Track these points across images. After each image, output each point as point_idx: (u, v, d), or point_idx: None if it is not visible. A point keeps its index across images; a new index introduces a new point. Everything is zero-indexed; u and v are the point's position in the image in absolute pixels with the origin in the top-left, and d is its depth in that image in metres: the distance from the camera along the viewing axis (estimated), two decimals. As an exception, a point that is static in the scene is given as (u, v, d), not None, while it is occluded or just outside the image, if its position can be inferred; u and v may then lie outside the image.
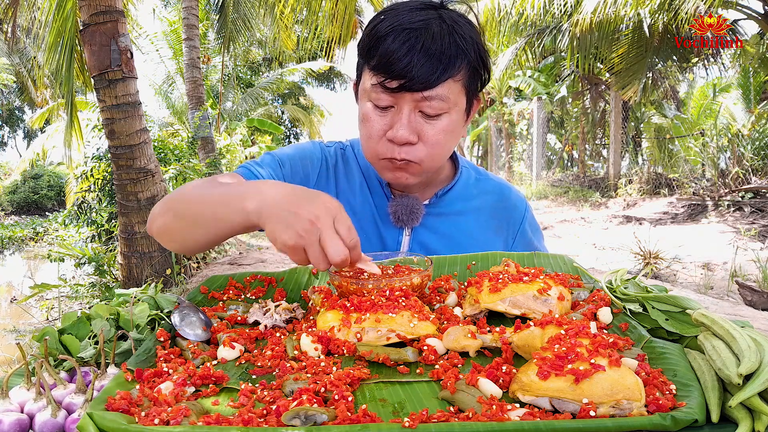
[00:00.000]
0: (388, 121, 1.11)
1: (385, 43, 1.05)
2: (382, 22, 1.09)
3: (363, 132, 1.17)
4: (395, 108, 1.10)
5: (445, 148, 1.16)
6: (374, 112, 1.12)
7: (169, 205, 1.08)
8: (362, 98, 1.15)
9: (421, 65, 1.03)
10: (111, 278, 6.04)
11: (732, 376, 0.59)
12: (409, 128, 1.09)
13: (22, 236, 12.21)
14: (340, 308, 0.85)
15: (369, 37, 1.10)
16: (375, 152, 1.15)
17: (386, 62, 1.05)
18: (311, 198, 0.88)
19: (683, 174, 11.37)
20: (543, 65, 15.37)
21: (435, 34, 1.05)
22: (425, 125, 1.10)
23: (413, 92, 1.06)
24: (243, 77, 21.26)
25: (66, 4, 5.62)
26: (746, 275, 5.28)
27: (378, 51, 1.06)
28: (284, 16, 10.51)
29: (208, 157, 9.71)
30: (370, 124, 1.13)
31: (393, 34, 1.05)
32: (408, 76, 1.04)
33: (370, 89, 1.10)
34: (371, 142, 1.15)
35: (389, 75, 1.05)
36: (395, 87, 1.06)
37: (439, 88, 1.07)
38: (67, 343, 0.84)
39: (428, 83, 1.05)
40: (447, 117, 1.11)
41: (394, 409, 0.65)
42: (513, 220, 1.40)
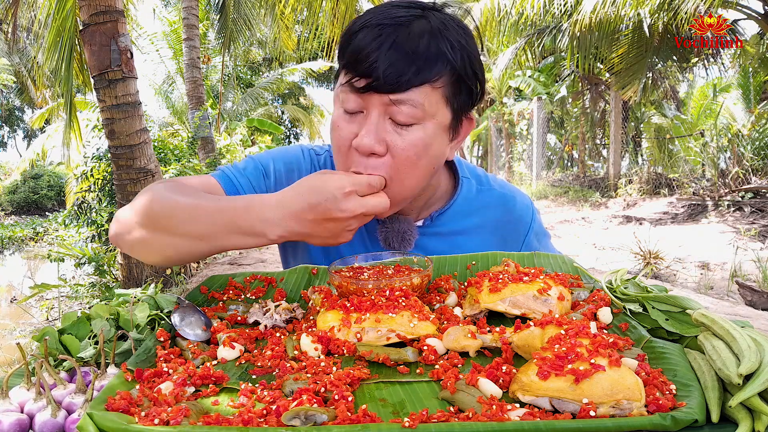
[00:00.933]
0: (355, 129, 0.98)
1: (356, 39, 0.95)
2: (359, 19, 0.98)
3: (332, 143, 1.05)
4: (364, 113, 0.98)
5: (418, 167, 1.00)
6: (343, 118, 1.00)
7: (151, 218, 1.00)
8: (335, 104, 1.03)
9: (389, 63, 0.91)
10: (111, 278, 6.04)
11: (732, 376, 0.59)
12: (376, 136, 0.96)
13: (22, 236, 12.21)
14: (340, 308, 0.85)
15: (343, 36, 0.99)
16: (344, 165, 1.02)
17: (354, 59, 0.94)
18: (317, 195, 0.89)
19: (683, 174, 11.37)
20: (543, 65, 15.37)
21: (413, 32, 0.94)
22: (394, 134, 0.97)
23: (381, 93, 0.94)
24: (243, 77, 21.26)
25: (66, 4, 5.62)
26: (746, 275, 5.28)
27: (349, 48, 0.96)
28: (285, 16, 10.51)
29: (208, 157, 9.71)
30: (337, 133, 1.01)
31: (366, 29, 0.95)
32: (374, 75, 0.92)
33: (340, 91, 0.99)
34: (340, 154, 1.02)
35: (356, 73, 0.94)
36: (362, 86, 0.94)
37: (411, 93, 0.94)
38: (67, 343, 0.84)
39: (397, 84, 0.92)
40: (420, 129, 0.97)
41: (394, 409, 0.65)
42: (517, 234, 1.30)
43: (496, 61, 14.60)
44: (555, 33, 11.54)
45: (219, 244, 0.96)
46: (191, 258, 1.03)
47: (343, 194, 0.89)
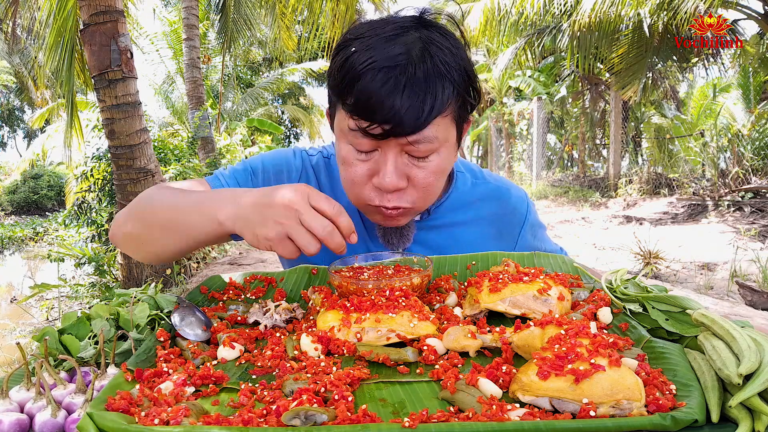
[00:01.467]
0: (371, 166, 1.00)
1: (362, 83, 0.91)
2: (354, 54, 0.94)
3: (345, 176, 1.04)
4: (379, 151, 0.98)
5: (437, 187, 1.05)
6: (356, 156, 1.00)
7: (137, 212, 1.05)
8: (340, 138, 1.03)
9: (406, 109, 0.90)
10: (111, 278, 6.04)
11: (732, 376, 0.59)
12: (397, 174, 0.98)
13: (22, 236, 12.21)
14: (340, 308, 0.85)
15: (342, 73, 0.95)
16: (361, 199, 1.04)
17: (366, 106, 0.92)
18: (278, 188, 0.87)
19: (683, 174, 11.37)
20: (543, 65, 15.37)
21: (418, 69, 0.92)
22: (414, 168, 0.99)
23: (399, 137, 0.94)
24: (243, 77, 21.27)
25: (66, 4, 5.63)
26: (746, 275, 5.28)
27: (354, 91, 0.93)
28: (285, 16, 10.52)
29: (208, 157, 9.71)
30: (352, 170, 1.01)
31: (369, 74, 0.91)
32: (393, 122, 0.91)
33: (348, 131, 0.97)
34: (355, 188, 1.03)
35: (371, 120, 0.92)
36: (379, 134, 0.93)
37: (427, 130, 0.94)
38: (67, 343, 0.84)
39: (416, 127, 0.93)
40: (437, 156, 1.00)
41: (394, 409, 0.65)
42: (513, 226, 1.32)
43: (496, 61, 14.60)
44: (555, 33, 11.54)
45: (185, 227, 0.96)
46: (169, 251, 1.03)
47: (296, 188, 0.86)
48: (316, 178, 1.27)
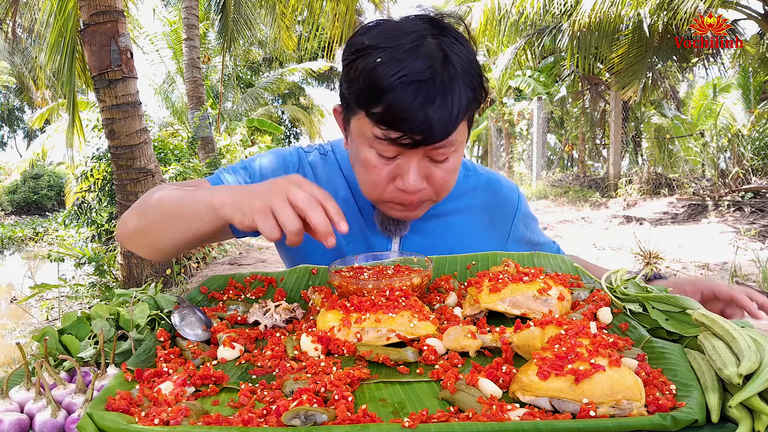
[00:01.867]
0: (394, 169, 1.05)
1: (392, 96, 0.96)
2: (381, 67, 0.97)
3: (366, 178, 1.09)
4: (402, 156, 1.04)
5: (453, 182, 1.13)
6: (378, 160, 1.05)
7: (140, 208, 1.10)
8: (359, 141, 1.07)
9: (436, 120, 0.97)
10: (111, 278, 6.04)
11: (732, 376, 0.59)
12: (420, 177, 1.05)
13: (22, 236, 12.21)
14: (340, 308, 0.85)
15: (368, 83, 0.98)
16: (382, 198, 1.10)
17: (398, 118, 0.97)
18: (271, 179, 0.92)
19: (683, 174, 11.37)
20: (543, 65, 15.37)
21: (444, 80, 0.97)
22: (433, 169, 1.06)
23: (426, 146, 1.00)
24: (243, 77, 21.26)
25: (67, 5, 5.63)
26: (746, 275, 5.28)
27: (384, 103, 0.97)
28: (285, 16, 10.52)
29: (208, 157, 9.71)
30: (374, 173, 1.06)
31: (401, 87, 0.95)
32: (425, 133, 0.97)
33: (372, 138, 1.02)
34: (378, 189, 1.09)
35: (402, 131, 0.97)
36: (409, 143, 0.99)
37: (451, 136, 1.02)
38: (67, 343, 0.84)
39: (444, 135, 0.99)
40: (454, 156, 1.07)
41: (394, 409, 0.65)
42: (505, 217, 1.36)
43: (496, 61, 14.59)
44: (555, 33, 11.54)
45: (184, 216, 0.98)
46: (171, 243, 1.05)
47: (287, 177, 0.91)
48: (313, 173, 1.29)
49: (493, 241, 1.34)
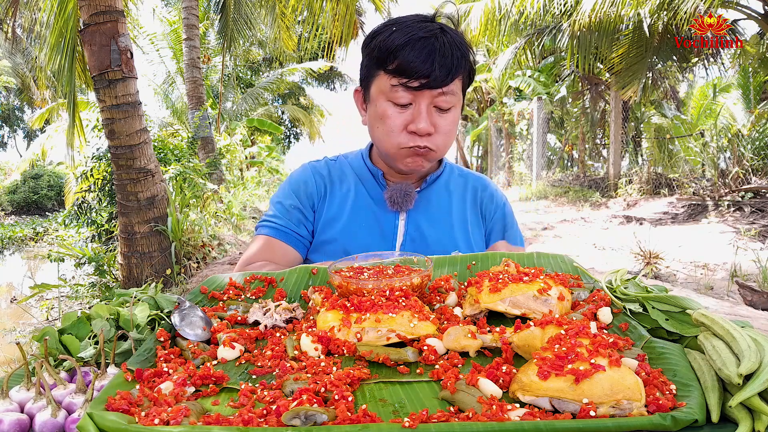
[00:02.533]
0: (407, 117, 1.27)
1: (404, 51, 1.22)
2: (393, 33, 1.25)
3: (382, 128, 1.31)
4: (413, 105, 1.26)
5: (453, 137, 1.35)
6: (394, 109, 1.28)
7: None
8: (378, 99, 1.30)
9: (440, 67, 1.22)
10: (111, 278, 6.04)
11: (732, 376, 0.59)
12: (429, 121, 1.26)
13: (22, 236, 12.20)
14: (340, 308, 0.85)
15: (383, 47, 1.25)
16: (397, 143, 1.30)
17: (409, 66, 1.22)
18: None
19: (683, 174, 11.36)
20: (543, 65, 15.36)
21: (444, 42, 1.24)
22: (439, 118, 1.28)
23: (432, 89, 1.24)
24: (243, 77, 21.25)
25: (67, 5, 5.63)
26: (746, 275, 5.27)
27: (398, 58, 1.23)
28: (285, 16, 10.52)
29: (208, 157, 9.72)
30: (390, 120, 1.29)
31: (410, 43, 1.22)
32: (431, 77, 1.22)
33: (389, 90, 1.26)
34: (393, 136, 1.30)
35: (412, 77, 1.22)
36: (417, 86, 1.23)
37: (451, 85, 1.25)
38: (67, 343, 0.84)
39: (445, 81, 1.24)
40: (455, 110, 1.30)
41: (394, 409, 0.65)
42: (490, 209, 1.55)
43: (496, 61, 14.59)
44: (555, 33, 11.54)
45: None
46: None
47: None
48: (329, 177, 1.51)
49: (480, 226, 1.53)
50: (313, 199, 1.48)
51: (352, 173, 1.50)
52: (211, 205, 8.32)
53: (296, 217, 1.46)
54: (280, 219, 1.45)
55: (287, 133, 26.07)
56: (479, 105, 20.85)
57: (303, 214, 1.46)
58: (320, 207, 1.48)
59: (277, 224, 1.44)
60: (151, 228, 5.61)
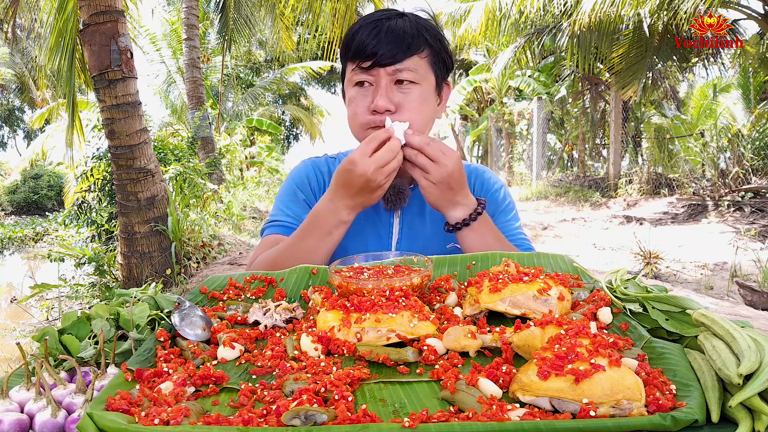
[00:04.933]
0: (369, 98, 1.29)
1: (358, 35, 1.27)
2: (356, 24, 1.32)
3: (350, 112, 1.34)
4: (374, 84, 1.28)
5: (422, 115, 1.32)
6: (357, 92, 1.31)
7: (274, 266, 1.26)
8: (347, 88, 1.35)
9: (387, 43, 1.25)
10: (111, 278, 6.04)
11: (732, 376, 0.59)
12: (387, 98, 1.26)
13: (22, 236, 12.20)
14: (340, 308, 0.85)
15: (346, 40, 1.32)
16: (361, 124, 1.31)
17: (359, 48, 1.26)
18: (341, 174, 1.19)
19: (683, 174, 11.37)
20: (543, 65, 15.36)
21: (398, 22, 1.28)
22: (400, 95, 1.28)
23: (384, 67, 1.26)
24: (243, 77, 21.25)
25: (67, 5, 5.63)
26: (746, 275, 5.27)
27: (352, 43, 1.28)
28: (285, 16, 10.51)
29: (208, 157, 9.72)
30: (355, 103, 1.31)
31: (363, 27, 1.28)
32: (379, 53, 1.24)
33: (351, 74, 1.31)
34: (357, 118, 1.32)
35: (362, 56, 1.26)
36: (368, 66, 1.26)
37: (406, 62, 1.26)
38: (67, 343, 0.84)
39: (395, 58, 1.25)
40: (418, 88, 1.29)
41: (394, 409, 0.65)
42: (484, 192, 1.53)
43: (495, 60, 14.58)
44: (555, 32, 11.53)
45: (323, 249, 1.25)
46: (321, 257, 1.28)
47: (353, 163, 1.15)
48: (328, 173, 1.52)
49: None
50: (316, 194, 1.49)
51: None
52: (211, 205, 8.32)
53: (305, 210, 1.45)
54: (290, 217, 1.46)
55: (287, 133, 26.07)
56: (479, 105, 20.85)
57: (309, 206, 1.46)
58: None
59: (287, 222, 1.45)
60: (151, 228, 5.61)
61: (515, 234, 1.50)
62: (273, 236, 1.44)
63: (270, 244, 1.41)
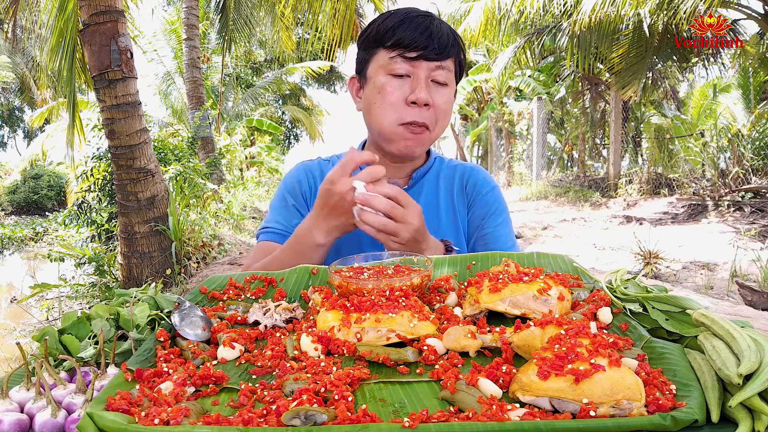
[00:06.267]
0: (405, 89, 1.28)
1: (402, 27, 1.27)
2: (390, 16, 1.30)
3: (381, 102, 1.31)
4: (412, 77, 1.28)
5: (448, 117, 1.36)
6: (391, 81, 1.29)
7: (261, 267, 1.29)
8: (376, 75, 1.32)
9: (437, 39, 1.27)
10: (111, 278, 6.04)
11: (732, 376, 0.59)
12: (428, 91, 1.27)
13: (22, 236, 12.20)
14: (340, 308, 0.85)
15: (382, 28, 1.30)
16: (396, 118, 1.30)
17: (407, 37, 1.26)
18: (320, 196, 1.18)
19: (683, 174, 11.37)
20: (543, 65, 15.36)
21: (439, 23, 1.30)
22: (436, 93, 1.30)
23: (429, 61, 1.27)
24: (243, 77, 21.26)
25: (67, 6, 5.63)
26: (746, 275, 5.28)
27: (395, 33, 1.27)
28: (285, 16, 10.51)
29: (208, 157, 9.72)
30: (389, 93, 1.29)
31: (407, 20, 1.28)
32: (429, 47, 1.26)
33: (388, 63, 1.29)
34: (392, 109, 1.30)
35: (410, 47, 1.26)
36: (415, 56, 1.26)
37: (447, 61, 1.29)
38: (67, 343, 0.84)
39: (442, 54, 1.27)
40: (449, 89, 1.32)
41: (394, 409, 0.65)
42: (475, 192, 1.53)
43: (495, 60, 14.58)
44: (555, 32, 11.54)
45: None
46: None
47: (331, 182, 1.13)
48: (321, 176, 1.51)
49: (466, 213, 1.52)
50: (307, 200, 1.50)
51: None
52: (211, 205, 8.32)
53: (297, 217, 1.46)
54: (279, 223, 1.46)
55: (287, 133, 26.07)
56: (479, 105, 20.85)
57: (301, 214, 1.47)
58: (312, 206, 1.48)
59: (277, 229, 1.46)
60: (151, 228, 5.61)
61: (503, 240, 1.48)
62: (265, 243, 1.45)
63: (262, 250, 1.42)
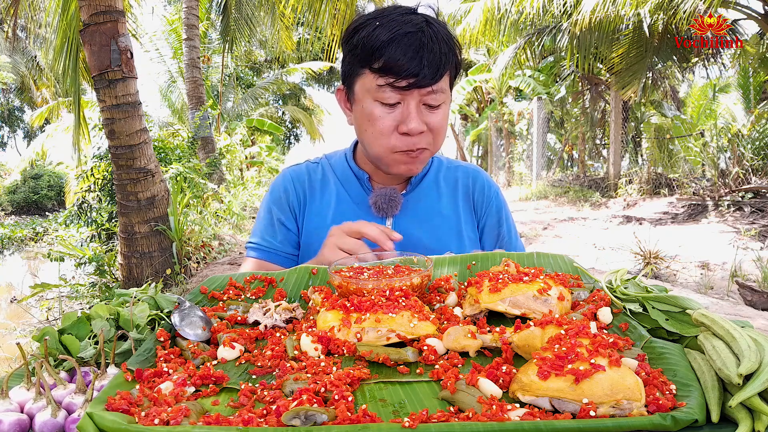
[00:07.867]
0: (397, 117, 1.22)
1: (390, 49, 1.16)
2: (377, 28, 1.19)
3: (371, 130, 1.25)
4: (402, 104, 1.21)
5: (445, 133, 1.30)
6: (382, 110, 1.22)
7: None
8: (364, 99, 1.24)
9: (429, 62, 1.16)
10: (111, 278, 6.04)
11: (732, 376, 0.59)
12: (420, 120, 1.21)
13: (22, 236, 12.20)
14: (340, 308, 0.85)
15: (368, 45, 1.19)
16: (389, 146, 1.25)
17: (395, 65, 1.16)
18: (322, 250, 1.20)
19: (683, 174, 11.37)
20: (543, 65, 15.35)
21: (431, 37, 1.18)
22: (429, 116, 1.23)
23: (421, 88, 1.18)
24: (243, 77, 21.25)
25: (70, 6, 5.63)
26: (746, 275, 5.27)
27: (383, 55, 1.17)
28: (285, 16, 10.51)
29: (208, 157, 9.72)
30: (380, 122, 1.22)
31: (396, 39, 1.16)
32: (420, 75, 1.16)
33: (376, 90, 1.20)
34: (383, 138, 1.24)
35: (400, 75, 1.16)
36: (405, 86, 1.17)
37: (441, 82, 1.20)
38: (67, 343, 0.84)
39: (435, 79, 1.18)
40: (444, 106, 1.25)
41: (394, 409, 0.65)
42: (483, 200, 1.50)
43: (496, 60, 14.58)
44: (555, 33, 11.53)
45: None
46: None
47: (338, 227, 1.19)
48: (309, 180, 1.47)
49: (472, 220, 1.48)
50: (294, 210, 1.45)
51: (335, 177, 1.45)
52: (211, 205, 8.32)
53: (282, 233, 1.43)
54: (266, 240, 1.43)
55: (287, 133, 26.07)
56: (479, 105, 20.84)
57: (287, 228, 1.44)
58: (302, 216, 1.45)
59: (264, 246, 1.43)
60: (151, 228, 5.61)
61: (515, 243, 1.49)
62: (253, 261, 1.43)
63: (259, 267, 1.40)
